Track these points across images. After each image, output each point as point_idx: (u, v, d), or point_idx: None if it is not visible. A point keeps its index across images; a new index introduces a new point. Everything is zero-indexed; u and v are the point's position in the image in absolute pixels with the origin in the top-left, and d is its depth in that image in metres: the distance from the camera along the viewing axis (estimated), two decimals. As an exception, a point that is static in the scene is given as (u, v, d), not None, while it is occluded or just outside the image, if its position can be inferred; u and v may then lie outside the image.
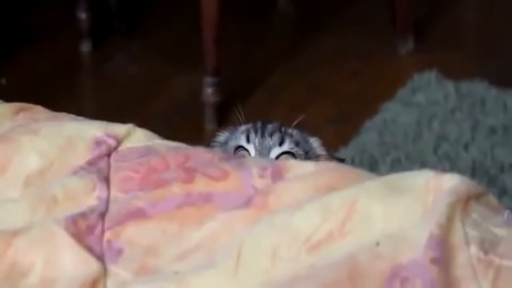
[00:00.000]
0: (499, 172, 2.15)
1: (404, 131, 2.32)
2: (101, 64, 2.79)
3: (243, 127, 1.31)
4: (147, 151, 1.10)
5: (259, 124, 1.30)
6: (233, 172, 1.05)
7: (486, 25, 2.91)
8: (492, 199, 1.03)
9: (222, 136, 1.33)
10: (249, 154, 1.27)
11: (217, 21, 2.42)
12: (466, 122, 2.35)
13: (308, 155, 1.29)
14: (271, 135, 1.27)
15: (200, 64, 2.48)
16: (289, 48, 2.83)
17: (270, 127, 1.29)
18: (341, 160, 1.34)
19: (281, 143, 1.27)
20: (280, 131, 1.28)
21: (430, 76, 2.54)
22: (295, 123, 1.31)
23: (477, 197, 1.00)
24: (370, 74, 2.68)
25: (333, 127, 2.38)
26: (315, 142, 1.31)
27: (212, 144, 1.33)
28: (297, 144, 1.28)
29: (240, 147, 1.27)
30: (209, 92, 2.46)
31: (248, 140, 1.27)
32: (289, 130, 1.29)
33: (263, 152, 1.26)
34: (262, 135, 1.27)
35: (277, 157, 1.27)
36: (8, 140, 1.11)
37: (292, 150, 1.27)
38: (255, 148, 1.26)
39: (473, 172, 2.16)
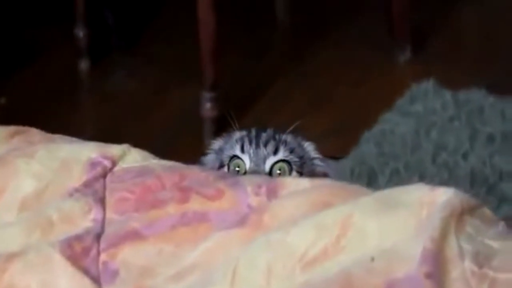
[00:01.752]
0: (498, 180, 2.16)
1: (403, 141, 2.33)
2: (100, 81, 2.80)
3: (237, 135, 1.31)
4: (143, 172, 1.10)
5: (253, 133, 1.30)
6: (228, 190, 1.06)
7: (483, 34, 2.91)
8: (487, 211, 1.03)
9: (216, 144, 1.34)
10: (244, 163, 1.28)
11: (214, 36, 2.43)
12: (464, 130, 2.35)
13: (303, 160, 1.30)
14: (265, 144, 1.28)
15: (198, 79, 2.49)
16: (287, 59, 2.84)
17: (264, 135, 1.29)
18: (336, 159, 1.34)
19: (275, 152, 1.28)
20: (275, 139, 1.29)
21: (427, 86, 2.54)
22: (290, 129, 1.32)
23: (472, 210, 1.00)
24: (368, 85, 2.68)
25: (332, 138, 2.39)
26: (309, 146, 1.32)
27: (207, 151, 1.34)
28: (291, 151, 1.29)
29: (235, 156, 1.28)
30: (207, 107, 2.47)
31: (242, 150, 1.28)
32: (283, 137, 1.30)
33: (258, 162, 1.27)
34: (257, 145, 1.28)
35: (272, 166, 1.27)
36: (3, 163, 1.12)
37: (287, 158, 1.28)
38: (250, 158, 1.27)
39: (472, 180, 2.16)
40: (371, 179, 2.17)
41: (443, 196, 0.99)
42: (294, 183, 1.08)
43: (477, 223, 1.00)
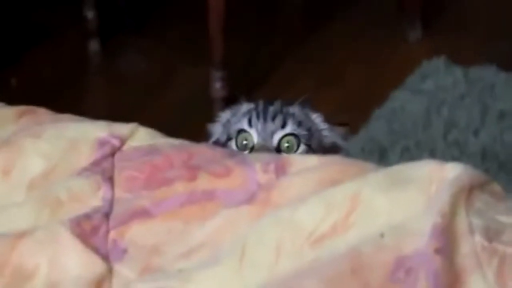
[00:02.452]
0: (509, 157, 2.15)
1: (413, 119, 2.32)
2: (109, 62, 2.80)
3: (245, 108, 1.31)
4: (151, 150, 1.10)
5: (261, 106, 1.30)
6: (236, 168, 1.06)
7: (494, 10, 2.90)
8: (496, 187, 1.03)
9: (224, 116, 1.34)
10: (252, 137, 1.28)
11: (223, 16, 2.42)
12: (475, 107, 2.34)
13: (311, 132, 1.29)
14: (273, 118, 1.27)
15: (208, 59, 2.49)
16: (297, 38, 2.83)
17: (271, 109, 1.29)
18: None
19: (283, 126, 1.27)
20: (282, 112, 1.28)
21: (438, 63, 2.53)
22: (298, 101, 1.31)
23: (481, 185, 1.00)
24: (379, 62, 2.67)
25: (342, 116, 2.38)
26: (317, 118, 1.32)
27: (215, 122, 1.34)
28: (299, 124, 1.28)
29: (242, 130, 1.28)
30: (217, 87, 2.47)
31: (250, 124, 1.28)
32: (291, 110, 1.29)
33: (265, 137, 1.27)
34: (264, 119, 1.27)
35: (280, 140, 1.27)
36: (12, 144, 1.12)
37: (295, 132, 1.27)
38: (258, 133, 1.27)
39: (483, 157, 2.15)
40: (382, 157, 2.17)
41: (452, 172, 0.99)
42: (302, 160, 1.08)
43: (486, 198, 0.99)
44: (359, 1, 3.02)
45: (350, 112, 2.42)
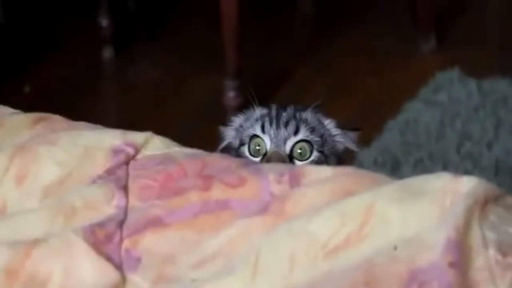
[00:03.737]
0: (523, 170, 2.15)
1: (427, 131, 2.32)
2: (123, 69, 2.81)
3: (258, 113, 1.31)
4: (165, 159, 1.10)
5: (274, 112, 1.30)
6: (250, 178, 1.05)
7: (508, 22, 2.89)
8: (510, 200, 1.02)
9: (237, 121, 1.34)
10: (264, 144, 1.27)
11: (237, 26, 2.43)
12: (489, 120, 2.34)
13: (323, 138, 1.29)
14: (286, 124, 1.27)
15: (222, 67, 2.49)
16: (310, 47, 2.83)
17: (284, 115, 1.29)
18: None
19: (296, 132, 1.27)
20: (295, 118, 1.29)
21: (452, 75, 2.53)
22: (311, 107, 1.31)
23: (495, 198, 1.00)
24: (392, 73, 2.67)
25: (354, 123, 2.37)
26: (330, 124, 1.32)
27: (228, 127, 1.34)
28: (312, 130, 1.28)
29: (255, 136, 1.28)
30: (230, 95, 2.47)
31: (263, 131, 1.28)
32: (304, 115, 1.30)
33: (278, 143, 1.27)
34: (277, 126, 1.27)
35: (293, 146, 1.27)
36: (27, 150, 1.12)
37: (308, 138, 1.27)
38: (271, 139, 1.27)
39: (497, 170, 2.15)
40: (395, 168, 2.16)
41: (467, 185, 0.99)
42: (316, 171, 1.08)
43: (501, 211, 0.99)
44: (373, 11, 3.02)
45: (363, 122, 2.41)
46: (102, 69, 2.85)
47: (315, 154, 1.28)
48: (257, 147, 1.27)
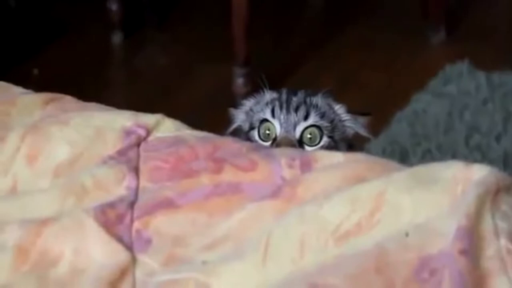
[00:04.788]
0: (531, 163, 2.14)
1: (435, 122, 2.31)
2: (132, 55, 2.80)
3: (268, 97, 1.31)
4: (176, 141, 1.10)
5: (284, 96, 1.29)
6: (261, 162, 1.05)
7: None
8: (522, 190, 1.02)
9: (247, 104, 1.33)
10: (274, 128, 1.27)
11: (247, 14, 2.42)
12: (498, 113, 2.33)
13: (333, 123, 1.29)
14: (296, 109, 1.27)
15: (230, 55, 2.49)
16: (319, 39, 2.83)
17: (295, 100, 1.28)
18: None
19: (306, 117, 1.27)
20: (305, 103, 1.28)
21: (461, 67, 2.52)
22: (322, 93, 1.31)
23: (507, 188, 0.99)
24: (401, 65, 2.67)
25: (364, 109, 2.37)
26: (340, 109, 1.31)
27: (238, 110, 1.33)
28: (322, 115, 1.28)
29: (265, 120, 1.27)
30: (239, 83, 2.47)
31: (273, 115, 1.27)
32: (314, 100, 1.29)
33: (288, 128, 1.26)
34: (287, 110, 1.27)
35: (303, 131, 1.26)
36: (38, 130, 1.12)
37: (318, 123, 1.27)
38: (280, 124, 1.27)
39: (505, 163, 2.14)
40: (403, 159, 2.16)
41: (478, 173, 0.98)
42: (327, 157, 1.08)
43: (512, 201, 0.98)
44: (383, 4, 3.01)
45: (372, 113, 2.41)
46: (111, 55, 2.84)
47: (325, 139, 1.27)
48: (267, 132, 1.27)
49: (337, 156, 1.08)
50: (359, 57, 2.71)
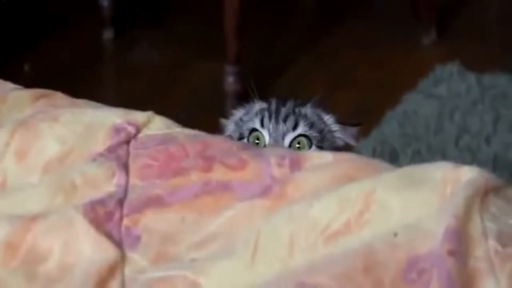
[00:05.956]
0: (521, 165, 2.15)
1: (426, 123, 2.32)
2: (123, 52, 2.80)
3: (257, 107, 1.31)
4: (166, 139, 1.10)
5: (273, 106, 1.30)
6: (251, 161, 1.05)
7: (509, 17, 2.89)
8: (511, 192, 1.02)
9: (237, 114, 1.34)
10: (263, 137, 1.28)
11: (238, 11, 2.43)
12: (488, 114, 2.34)
13: (323, 134, 1.30)
14: (285, 119, 1.28)
15: (222, 53, 2.49)
16: (311, 38, 2.83)
17: (284, 110, 1.29)
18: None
19: (295, 127, 1.28)
20: (294, 113, 1.29)
21: (452, 68, 2.53)
22: (311, 102, 1.31)
23: (496, 190, 1.00)
24: (392, 65, 2.67)
25: (354, 117, 2.37)
26: (329, 119, 1.32)
27: (229, 120, 1.34)
28: (311, 125, 1.29)
29: (254, 129, 1.28)
30: (230, 81, 2.47)
31: (262, 125, 1.28)
32: (303, 110, 1.30)
33: (277, 138, 1.27)
34: (276, 120, 1.28)
35: (292, 141, 1.27)
36: (28, 126, 1.12)
37: (306, 133, 1.28)
38: (269, 134, 1.27)
39: (495, 164, 2.15)
40: (393, 159, 2.16)
41: (467, 175, 0.99)
42: (317, 156, 1.08)
43: (501, 203, 0.99)
44: (374, 3, 3.01)
45: (362, 113, 2.42)
46: (102, 51, 2.84)
47: (313, 149, 1.28)
48: (256, 141, 1.28)
49: (327, 156, 1.08)
50: (350, 56, 2.71)
